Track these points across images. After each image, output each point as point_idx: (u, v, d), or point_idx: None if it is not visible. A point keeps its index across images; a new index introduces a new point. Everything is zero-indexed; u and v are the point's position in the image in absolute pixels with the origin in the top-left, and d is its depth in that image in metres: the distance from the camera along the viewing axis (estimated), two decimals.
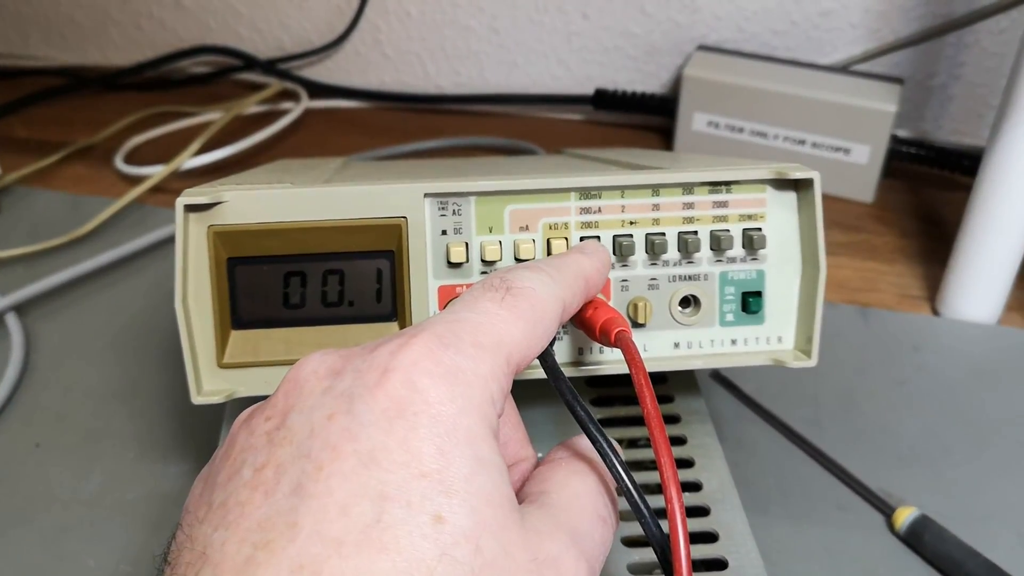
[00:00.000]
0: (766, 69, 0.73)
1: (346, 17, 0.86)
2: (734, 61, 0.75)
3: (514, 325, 0.27)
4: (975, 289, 0.57)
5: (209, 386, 0.35)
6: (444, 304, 0.35)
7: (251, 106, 0.83)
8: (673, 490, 0.25)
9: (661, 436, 0.27)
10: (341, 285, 0.35)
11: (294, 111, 0.81)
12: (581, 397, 0.28)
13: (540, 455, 0.32)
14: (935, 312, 0.59)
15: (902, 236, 0.68)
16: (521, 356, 0.27)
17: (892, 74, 0.74)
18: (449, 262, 0.35)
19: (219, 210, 0.34)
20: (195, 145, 0.72)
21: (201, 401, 0.35)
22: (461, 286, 0.35)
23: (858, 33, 0.76)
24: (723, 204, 0.36)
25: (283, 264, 0.35)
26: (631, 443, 0.42)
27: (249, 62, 0.89)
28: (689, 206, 0.36)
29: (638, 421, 0.43)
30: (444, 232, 0.35)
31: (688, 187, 0.36)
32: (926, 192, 0.74)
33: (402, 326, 0.35)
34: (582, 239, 0.35)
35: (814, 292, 0.36)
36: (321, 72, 0.90)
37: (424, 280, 0.35)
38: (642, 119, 0.83)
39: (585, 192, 0.35)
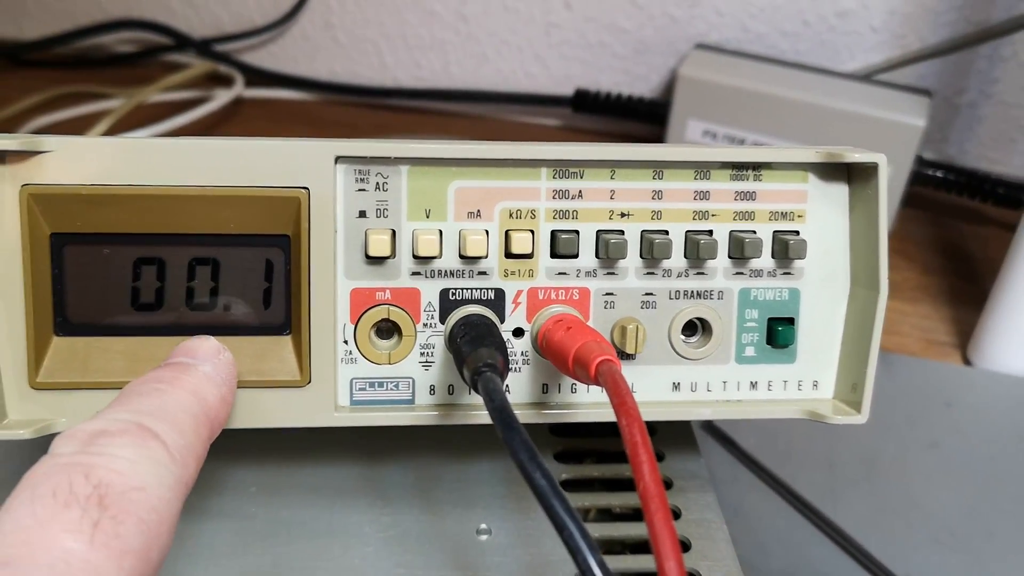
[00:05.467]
0: (774, 72, 0.71)
1: None
2: (737, 62, 0.72)
3: None
4: (1017, 337, 0.54)
5: (16, 414, 0.30)
6: (358, 315, 0.30)
7: (163, 90, 0.80)
8: None
9: (664, 526, 0.21)
10: (214, 280, 0.30)
11: (220, 98, 0.78)
12: (540, 456, 0.23)
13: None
14: (967, 361, 0.57)
15: (925, 272, 0.66)
16: None
17: (918, 85, 0.73)
18: (368, 255, 0.30)
19: (39, 163, 0.28)
20: (98, 129, 0.68)
21: (2, 436, 0.29)
22: (384, 290, 0.30)
23: (880, 39, 0.74)
24: (749, 195, 0.31)
25: (133, 246, 0.29)
26: (602, 512, 0.36)
27: (181, 41, 0.87)
28: (703, 195, 0.31)
29: (620, 485, 0.36)
30: (362, 214, 0.30)
31: (703, 169, 0.31)
32: (950, 223, 0.73)
33: (298, 341, 0.30)
34: (555, 234, 0.31)
35: (869, 322, 0.31)
36: (264, 57, 0.89)
37: (331, 279, 0.30)
38: (628, 127, 0.81)
39: (561, 168, 0.31)
